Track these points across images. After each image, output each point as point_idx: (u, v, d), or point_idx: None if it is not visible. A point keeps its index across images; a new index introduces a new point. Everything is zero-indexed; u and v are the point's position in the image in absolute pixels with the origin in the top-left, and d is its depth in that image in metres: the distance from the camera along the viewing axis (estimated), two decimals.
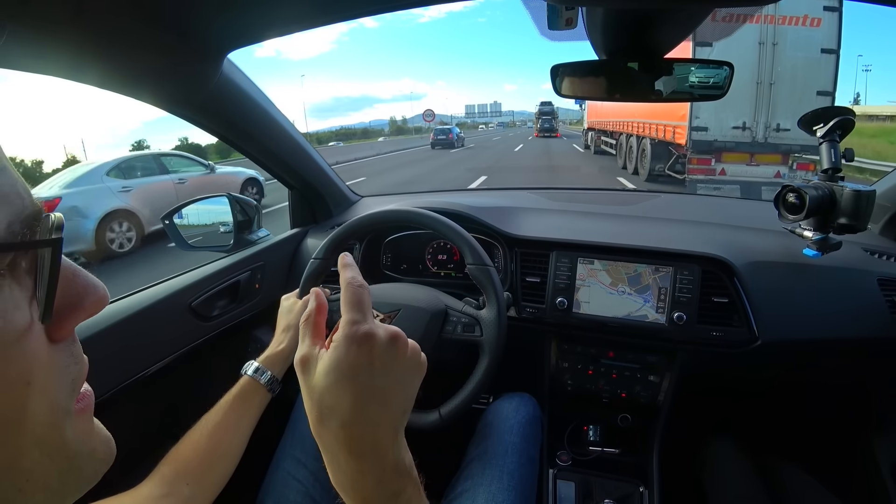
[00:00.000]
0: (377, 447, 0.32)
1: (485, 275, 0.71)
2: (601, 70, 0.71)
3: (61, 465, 0.21)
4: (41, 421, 0.19)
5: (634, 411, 1.02)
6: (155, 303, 0.78)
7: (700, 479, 1.01)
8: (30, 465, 0.19)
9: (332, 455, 0.32)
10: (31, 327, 0.19)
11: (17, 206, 0.19)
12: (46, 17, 0.46)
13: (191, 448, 0.56)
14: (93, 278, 0.23)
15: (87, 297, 0.22)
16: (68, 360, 0.21)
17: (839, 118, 0.78)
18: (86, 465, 0.22)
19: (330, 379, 0.31)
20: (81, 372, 0.22)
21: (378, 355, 0.32)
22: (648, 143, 7.15)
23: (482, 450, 0.77)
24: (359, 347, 0.32)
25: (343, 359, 0.31)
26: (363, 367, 0.32)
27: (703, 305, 0.86)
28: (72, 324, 0.22)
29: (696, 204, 1.42)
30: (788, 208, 0.78)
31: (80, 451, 0.22)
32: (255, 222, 1.09)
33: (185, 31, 0.60)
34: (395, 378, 0.33)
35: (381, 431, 0.32)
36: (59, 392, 0.20)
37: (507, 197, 1.37)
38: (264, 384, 0.66)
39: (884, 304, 0.83)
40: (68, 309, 0.21)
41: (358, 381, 0.31)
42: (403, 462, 0.34)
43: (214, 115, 0.82)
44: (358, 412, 0.31)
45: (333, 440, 0.32)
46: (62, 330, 0.21)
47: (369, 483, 0.32)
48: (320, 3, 0.58)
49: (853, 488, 1.00)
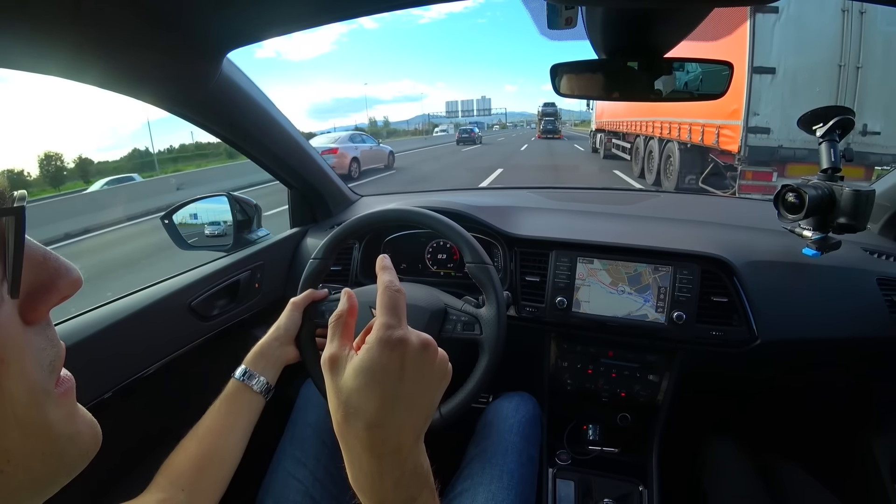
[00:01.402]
0: (399, 450, 0.32)
1: (484, 273, 0.71)
2: (601, 69, 0.71)
3: (44, 447, 0.21)
4: (20, 401, 0.19)
5: (634, 410, 1.02)
6: (154, 302, 0.78)
7: (700, 478, 1.01)
8: (10, 445, 0.19)
9: (354, 455, 0.33)
10: (1, 307, 0.19)
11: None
12: (46, 17, 0.46)
13: (183, 455, 0.56)
14: (65, 261, 0.23)
15: (60, 279, 0.22)
16: (44, 343, 0.22)
17: (839, 118, 0.78)
18: (69, 448, 0.22)
19: (359, 381, 0.32)
20: (59, 355, 0.23)
21: (409, 361, 0.33)
22: (676, 147, 5.61)
23: (482, 449, 0.77)
24: (391, 352, 0.32)
25: (375, 361, 0.32)
26: (394, 371, 0.32)
27: (702, 305, 0.86)
28: (45, 306, 0.22)
29: (695, 204, 1.42)
30: (788, 208, 0.78)
31: (63, 433, 0.22)
32: (254, 222, 1.09)
33: (185, 31, 0.60)
34: (424, 385, 0.34)
35: (404, 435, 0.33)
36: (36, 373, 0.21)
37: (506, 196, 1.37)
38: (252, 386, 0.64)
39: (883, 303, 0.83)
40: (41, 290, 0.21)
41: (387, 385, 0.32)
42: (422, 467, 0.34)
43: (214, 114, 0.82)
44: (384, 415, 0.32)
45: (357, 441, 0.32)
46: (35, 312, 0.21)
47: (388, 485, 0.32)
48: (320, 3, 0.58)
49: (852, 488, 1.00)
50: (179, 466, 0.55)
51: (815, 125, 0.81)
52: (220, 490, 0.57)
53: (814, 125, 0.81)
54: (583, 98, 0.75)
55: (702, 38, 0.85)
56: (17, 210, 0.20)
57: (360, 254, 1.07)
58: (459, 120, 73.74)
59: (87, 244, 6.13)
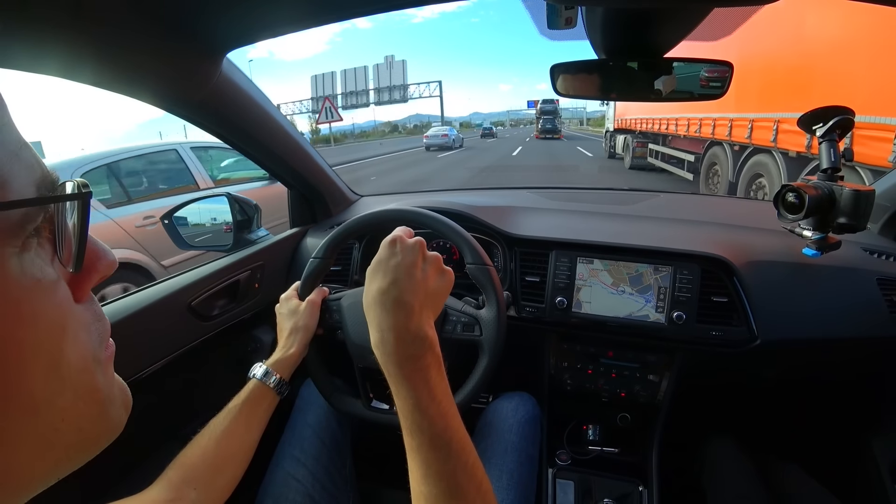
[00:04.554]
0: (402, 306, 0.44)
1: (484, 274, 0.71)
2: (601, 69, 0.71)
3: (92, 409, 0.23)
4: (75, 366, 0.22)
5: (634, 410, 1.02)
6: (154, 302, 0.78)
7: (699, 478, 1.01)
8: (64, 404, 0.21)
9: (373, 315, 0.46)
10: (59, 282, 0.22)
11: (38, 173, 0.21)
12: (45, 17, 0.46)
13: (199, 453, 0.56)
14: (103, 244, 0.25)
15: (100, 261, 0.25)
16: (92, 318, 0.24)
17: (838, 118, 0.77)
18: (111, 410, 0.25)
19: (372, 269, 0.48)
20: (105, 328, 0.26)
21: (403, 248, 0.48)
22: (781, 161, 3.58)
23: (481, 449, 0.77)
24: (390, 246, 0.48)
25: (381, 254, 0.48)
26: (392, 254, 0.48)
27: (702, 305, 0.86)
28: (88, 284, 0.24)
29: (695, 203, 1.42)
30: (788, 208, 0.78)
31: (107, 396, 0.24)
32: (254, 222, 1.09)
33: (185, 31, 0.60)
34: (419, 264, 0.48)
35: (407, 296, 0.45)
36: (89, 342, 0.23)
37: (506, 196, 1.37)
38: (273, 388, 0.65)
39: (883, 303, 0.83)
40: (85, 271, 0.24)
41: (389, 264, 0.47)
42: (426, 333, 0.45)
43: (214, 114, 0.82)
44: (389, 280, 0.46)
45: (373, 302, 0.46)
46: (80, 290, 0.24)
47: (392, 338, 0.43)
48: (319, 3, 0.58)
49: (852, 488, 1.00)
50: (195, 465, 0.55)
51: (815, 125, 0.80)
52: (229, 491, 0.57)
53: (813, 125, 0.81)
54: (582, 98, 0.75)
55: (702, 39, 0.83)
56: (85, 195, 0.22)
57: (360, 254, 1.07)
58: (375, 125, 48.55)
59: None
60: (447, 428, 0.41)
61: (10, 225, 0.19)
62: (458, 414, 0.44)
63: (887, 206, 0.93)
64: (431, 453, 0.40)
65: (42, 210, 0.21)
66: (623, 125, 9.12)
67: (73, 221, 0.22)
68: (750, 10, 4.01)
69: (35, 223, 0.20)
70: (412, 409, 0.41)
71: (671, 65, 0.66)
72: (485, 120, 75.98)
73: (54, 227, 0.22)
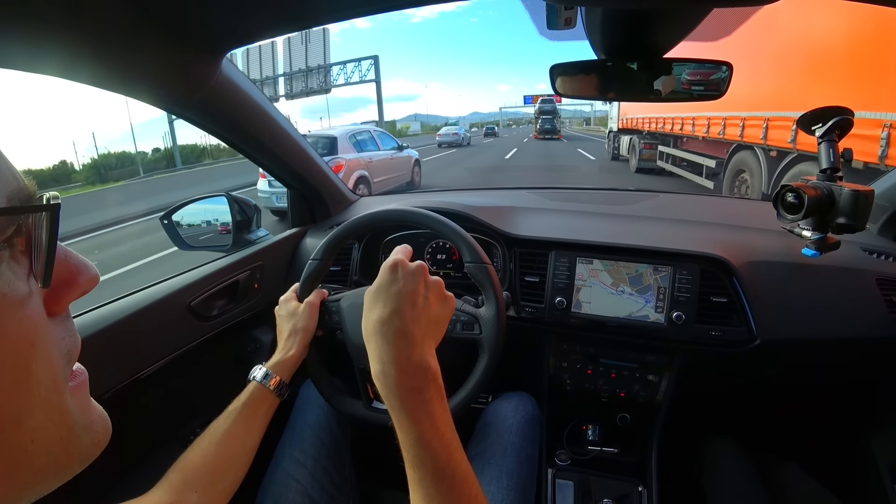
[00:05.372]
0: (405, 337, 0.43)
1: (483, 273, 0.71)
2: (600, 69, 0.71)
3: (62, 431, 0.22)
4: (45, 384, 0.21)
5: (633, 411, 1.02)
6: (154, 303, 0.78)
7: (699, 478, 1.01)
8: (34, 424, 0.21)
9: (374, 346, 0.44)
10: (31, 297, 0.21)
11: (13, 185, 0.21)
12: (45, 17, 0.46)
13: (199, 456, 0.55)
14: (84, 259, 0.25)
15: (81, 275, 0.24)
16: (63, 333, 0.24)
17: (838, 118, 0.78)
18: (84, 436, 0.24)
19: (372, 296, 0.46)
20: (76, 345, 0.24)
21: (405, 274, 0.46)
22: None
23: (481, 449, 0.77)
24: (391, 271, 0.46)
25: (381, 279, 0.47)
26: (393, 280, 0.46)
27: (701, 305, 0.86)
28: (66, 299, 0.24)
29: (694, 204, 1.42)
30: (787, 208, 0.78)
31: (78, 420, 0.23)
32: (253, 222, 1.09)
33: (185, 31, 0.60)
34: (420, 291, 0.46)
35: (409, 326, 0.44)
36: (58, 360, 0.23)
37: (505, 196, 1.37)
38: (273, 390, 0.65)
39: (882, 303, 0.83)
40: (63, 284, 0.23)
41: (390, 291, 0.45)
42: (429, 364, 0.43)
43: (213, 114, 0.82)
44: (390, 309, 0.44)
45: (373, 332, 0.44)
46: (58, 304, 0.23)
47: (394, 371, 0.42)
48: (319, 3, 0.58)
49: (852, 488, 1.00)
50: (196, 468, 0.54)
51: (815, 125, 0.81)
52: (231, 493, 0.57)
53: (813, 125, 0.81)
54: (582, 98, 0.75)
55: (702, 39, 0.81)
56: (54, 207, 0.22)
57: (360, 254, 1.07)
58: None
59: None
60: (450, 460, 0.40)
61: None
62: (461, 446, 0.43)
63: (886, 207, 0.93)
64: (434, 486, 0.39)
65: (13, 222, 0.20)
66: (628, 125, 8.38)
67: (43, 235, 0.21)
68: (750, 10, 4.01)
69: (4, 234, 0.20)
70: (414, 443, 0.40)
71: (671, 65, 0.66)
72: (483, 119, 77.42)
73: (30, 242, 0.21)
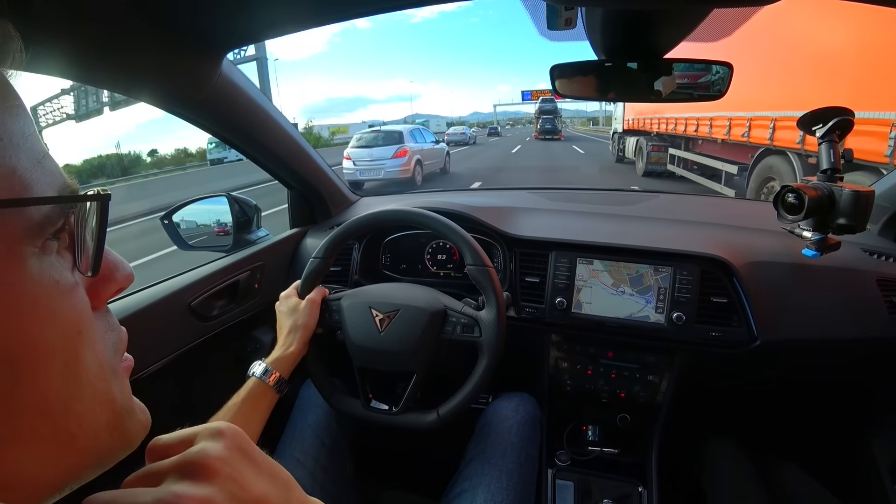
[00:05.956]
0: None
1: (484, 276, 0.71)
2: (601, 70, 0.71)
3: (109, 416, 0.23)
4: (92, 371, 0.22)
5: (633, 411, 1.02)
6: (154, 303, 0.78)
7: (699, 478, 1.01)
8: (82, 409, 0.21)
9: None
10: (77, 287, 0.22)
11: (61, 181, 0.22)
12: (46, 17, 0.46)
13: None
14: (120, 258, 0.26)
15: (118, 271, 0.25)
16: (106, 327, 0.24)
17: (838, 118, 0.77)
18: (129, 422, 0.25)
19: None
20: (121, 338, 0.26)
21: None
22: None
23: (481, 450, 0.77)
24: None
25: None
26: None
27: (702, 306, 0.86)
28: (105, 294, 0.25)
29: (695, 204, 1.42)
30: (787, 208, 0.78)
31: (124, 406, 0.24)
32: (254, 222, 1.09)
33: (185, 31, 0.60)
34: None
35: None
36: (104, 350, 0.23)
37: (506, 197, 1.37)
38: (272, 386, 0.65)
39: (882, 304, 0.83)
40: (102, 280, 0.24)
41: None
42: None
43: (214, 114, 0.82)
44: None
45: None
46: (97, 298, 0.24)
47: None
48: (319, 4, 0.58)
49: (852, 488, 1.00)
50: None
51: (815, 126, 0.80)
52: None
53: (813, 126, 0.81)
54: (582, 99, 0.75)
55: (702, 39, 0.80)
56: (104, 197, 0.22)
57: (360, 254, 1.07)
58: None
59: None
60: None
61: (30, 225, 0.19)
62: None
63: (887, 207, 0.93)
64: None
65: (62, 215, 0.21)
66: (635, 126, 7.78)
67: (92, 226, 0.22)
68: (750, 11, 4.00)
69: (55, 226, 0.21)
70: None
71: (671, 65, 0.66)
72: (484, 119, 78.35)
73: (74, 237, 0.22)
